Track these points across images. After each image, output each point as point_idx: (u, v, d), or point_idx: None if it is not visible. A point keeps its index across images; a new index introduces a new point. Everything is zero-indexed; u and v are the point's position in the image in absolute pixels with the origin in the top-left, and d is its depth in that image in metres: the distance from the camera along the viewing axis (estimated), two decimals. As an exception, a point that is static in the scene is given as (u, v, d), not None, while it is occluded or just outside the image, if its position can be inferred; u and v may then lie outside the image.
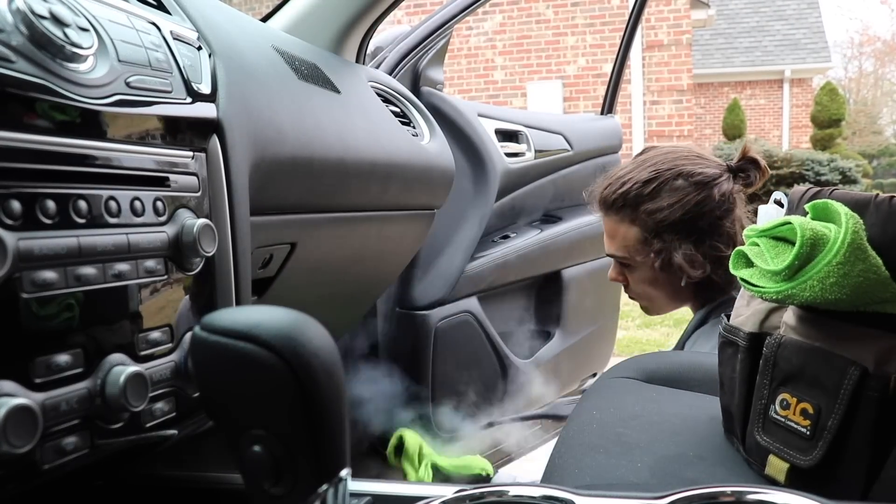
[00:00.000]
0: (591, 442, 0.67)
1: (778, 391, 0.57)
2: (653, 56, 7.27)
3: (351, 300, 1.14)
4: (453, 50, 7.59)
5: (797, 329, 0.57)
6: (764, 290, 0.53)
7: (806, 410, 0.54)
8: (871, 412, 0.50)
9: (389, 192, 0.98)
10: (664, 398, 0.81)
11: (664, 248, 1.09)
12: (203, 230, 0.53)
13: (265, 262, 0.78)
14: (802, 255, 0.50)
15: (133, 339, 0.49)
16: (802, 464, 0.54)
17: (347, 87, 0.96)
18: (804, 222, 0.51)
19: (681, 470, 0.60)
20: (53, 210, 0.43)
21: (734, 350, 0.65)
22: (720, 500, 0.41)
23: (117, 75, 0.49)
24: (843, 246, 0.48)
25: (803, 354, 0.55)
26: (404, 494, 0.51)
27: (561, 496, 0.42)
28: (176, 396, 0.52)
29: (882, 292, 0.49)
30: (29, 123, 0.42)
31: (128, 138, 0.50)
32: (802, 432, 0.54)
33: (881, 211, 0.51)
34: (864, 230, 0.50)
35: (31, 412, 0.39)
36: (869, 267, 0.48)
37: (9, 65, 0.41)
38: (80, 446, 0.44)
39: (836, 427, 0.51)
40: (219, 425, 0.46)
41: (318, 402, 0.42)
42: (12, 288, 0.40)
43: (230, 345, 0.42)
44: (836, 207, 0.51)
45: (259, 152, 0.67)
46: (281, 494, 0.42)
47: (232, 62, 0.66)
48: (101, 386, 0.45)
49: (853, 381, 0.50)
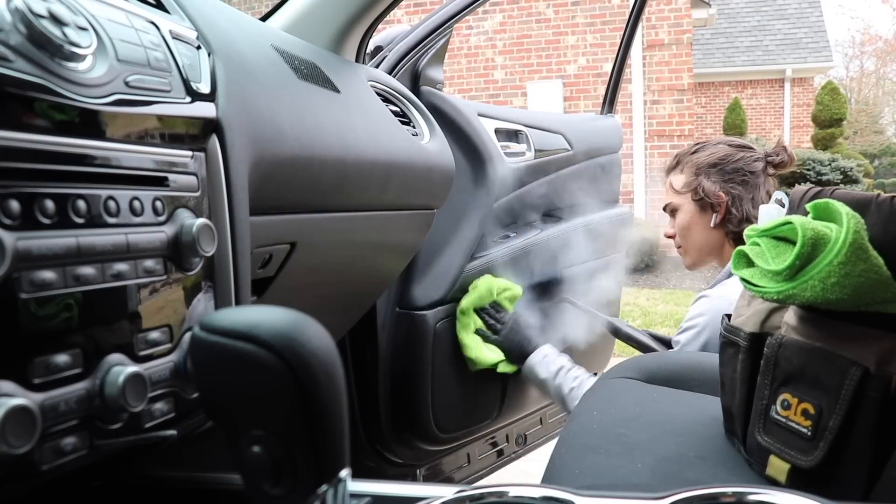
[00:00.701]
0: (592, 442, 0.67)
1: (779, 391, 0.57)
2: (653, 55, 7.26)
3: (350, 300, 1.14)
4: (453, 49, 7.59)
5: (798, 329, 0.57)
6: (765, 290, 0.53)
7: (807, 411, 0.54)
8: (873, 413, 0.50)
9: (389, 192, 0.98)
10: (665, 398, 0.81)
11: (698, 182, 1.40)
12: (202, 230, 0.53)
13: (264, 262, 0.78)
14: (803, 254, 0.50)
15: (132, 339, 0.48)
16: (804, 464, 0.54)
17: (347, 86, 0.96)
18: (805, 222, 0.50)
19: (682, 470, 0.60)
20: (52, 210, 0.43)
21: (735, 350, 0.65)
22: (721, 501, 0.41)
23: (116, 75, 0.49)
24: (844, 246, 0.48)
25: (804, 355, 0.55)
26: (404, 495, 0.51)
27: (561, 497, 0.42)
28: (175, 397, 0.52)
29: (883, 292, 0.49)
30: (27, 123, 0.42)
31: (127, 138, 0.50)
32: (803, 433, 0.54)
33: (882, 211, 0.50)
34: (865, 230, 0.49)
35: (30, 412, 0.38)
36: (870, 267, 0.48)
37: (7, 64, 0.41)
38: (78, 447, 0.44)
39: (837, 427, 0.51)
40: (218, 426, 0.45)
41: (317, 402, 0.42)
42: (11, 288, 0.40)
43: (229, 345, 0.42)
44: (838, 207, 0.51)
45: (258, 152, 0.67)
46: (280, 495, 0.42)
47: (231, 61, 0.66)
48: (100, 386, 0.45)
49: (854, 381, 0.50)
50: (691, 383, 0.86)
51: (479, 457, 1.63)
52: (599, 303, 1.88)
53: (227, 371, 0.42)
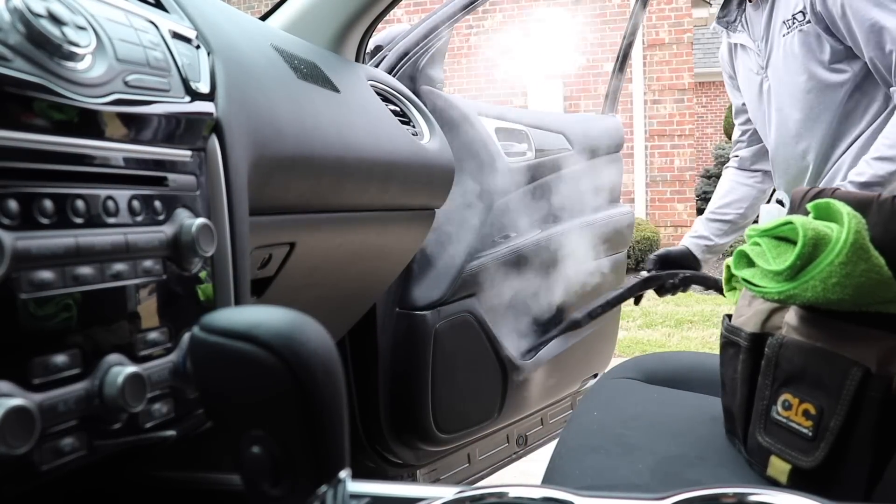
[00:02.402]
0: (592, 443, 0.67)
1: (780, 392, 0.57)
2: (654, 55, 7.26)
3: (350, 300, 1.14)
4: (453, 49, 7.58)
5: (799, 329, 0.57)
6: (766, 291, 0.53)
7: (808, 411, 0.54)
8: (874, 413, 0.50)
9: (389, 192, 0.98)
10: (665, 399, 0.80)
11: None
12: (202, 230, 0.53)
13: (264, 262, 0.78)
14: (804, 254, 0.49)
15: (131, 339, 0.48)
16: (804, 465, 0.54)
17: (347, 85, 0.96)
18: (806, 222, 0.50)
19: (682, 471, 0.60)
20: (51, 210, 0.43)
21: (736, 350, 0.65)
22: (722, 502, 0.41)
23: (115, 74, 0.49)
24: (845, 246, 0.48)
25: (805, 355, 0.55)
26: (404, 495, 0.50)
27: (562, 497, 0.42)
28: (174, 397, 0.52)
29: (885, 292, 0.49)
30: (26, 122, 0.42)
31: (126, 137, 0.50)
32: (804, 433, 0.54)
33: (884, 211, 0.50)
34: (866, 230, 0.49)
35: (29, 413, 0.38)
36: (871, 267, 0.48)
37: (6, 63, 0.41)
38: (78, 447, 0.44)
39: (838, 428, 0.51)
40: (217, 426, 0.45)
41: (317, 402, 0.41)
42: (10, 288, 0.40)
43: (229, 345, 0.42)
44: (839, 207, 0.50)
45: (258, 151, 0.67)
46: (280, 496, 0.42)
47: (231, 61, 0.66)
48: (99, 386, 0.45)
49: (855, 381, 0.50)
50: (691, 384, 0.86)
51: (479, 457, 1.63)
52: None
53: (227, 371, 0.42)
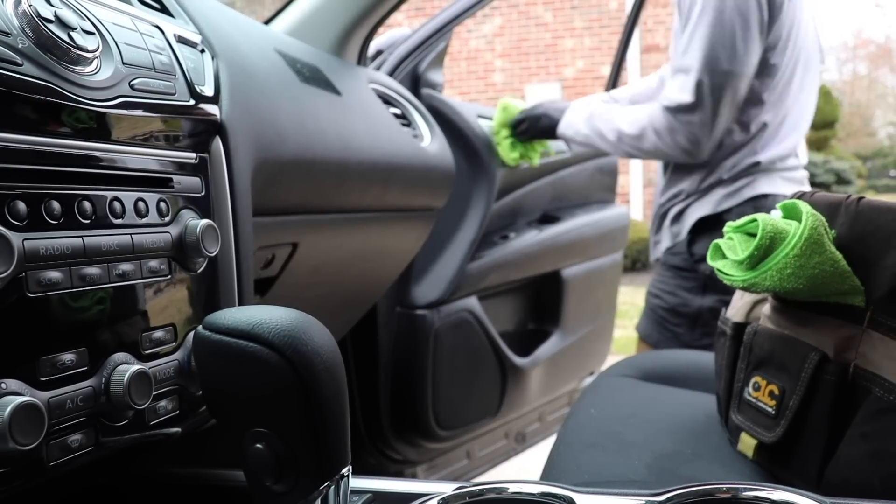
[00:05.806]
0: (590, 440, 0.68)
1: (752, 375, 0.62)
2: (650, 59, 7.28)
3: (351, 300, 1.15)
4: (453, 52, 7.60)
5: (771, 318, 0.61)
6: (733, 279, 0.57)
7: (773, 392, 0.58)
8: (829, 394, 0.54)
9: (390, 193, 0.99)
10: (661, 396, 0.81)
11: None
12: (206, 230, 0.54)
13: (267, 263, 0.79)
14: (762, 246, 0.54)
15: (137, 338, 0.49)
16: (767, 440, 0.58)
17: (349, 88, 0.97)
18: (767, 218, 0.55)
19: (678, 467, 0.61)
20: (58, 211, 0.44)
21: (725, 339, 0.69)
22: (717, 497, 0.42)
23: (121, 78, 0.49)
24: (800, 240, 0.52)
25: (773, 341, 0.60)
26: (405, 491, 0.51)
27: (560, 493, 0.43)
28: (179, 395, 0.53)
29: (840, 284, 0.53)
30: (34, 125, 0.43)
31: (132, 140, 0.50)
32: (768, 412, 0.58)
33: (849, 211, 0.55)
34: (824, 227, 0.53)
35: (37, 410, 0.39)
36: (825, 260, 0.52)
37: (15, 67, 0.41)
38: (85, 444, 0.44)
39: (796, 407, 0.56)
40: (221, 423, 0.46)
41: (319, 400, 0.42)
42: (18, 287, 0.41)
43: (233, 344, 0.43)
44: (801, 207, 0.55)
45: (261, 154, 0.68)
46: (283, 492, 0.43)
47: (235, 65, 0.67)
48: (105, 384, 0.45)
49: (812, 365, 0.55)
50: (687, 381, 0.87)
51: (478, 454, 1.64)
52: (597, 302, 1.89)
53: (231, 369, 0.43)
